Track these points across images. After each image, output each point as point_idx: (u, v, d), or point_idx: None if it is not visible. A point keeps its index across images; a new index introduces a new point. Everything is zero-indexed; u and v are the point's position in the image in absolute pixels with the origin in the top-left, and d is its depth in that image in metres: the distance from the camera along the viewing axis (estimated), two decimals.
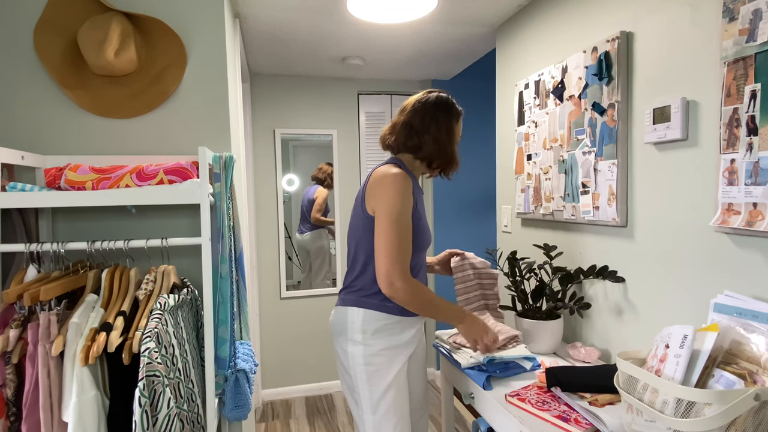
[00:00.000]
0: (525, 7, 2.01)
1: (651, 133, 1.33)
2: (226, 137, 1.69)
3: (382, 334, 1.35)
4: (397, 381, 1.35)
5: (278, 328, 3.23)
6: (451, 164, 1.45)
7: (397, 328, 1.37)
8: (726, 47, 1.09)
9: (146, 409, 1.08)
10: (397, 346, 1.36)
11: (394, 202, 1.27)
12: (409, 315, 1.38)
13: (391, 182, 1.29)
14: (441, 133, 1.41)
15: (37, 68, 1.53)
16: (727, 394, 0.81)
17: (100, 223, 1.58)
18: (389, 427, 1.32)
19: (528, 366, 1.45)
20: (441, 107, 1.41)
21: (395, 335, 1.36)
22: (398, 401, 1.34)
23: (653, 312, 1.38)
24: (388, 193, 1.28)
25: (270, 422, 2.94)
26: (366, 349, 1.35)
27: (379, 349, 1.34)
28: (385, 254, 1.26)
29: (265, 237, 3.20)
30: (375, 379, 1.34)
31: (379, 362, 1.34)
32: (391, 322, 1.36)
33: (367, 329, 1.35)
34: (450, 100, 1.44)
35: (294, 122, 3.20)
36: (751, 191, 1.04)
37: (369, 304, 1.36)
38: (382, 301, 1.35)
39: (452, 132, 1.43)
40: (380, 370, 1.34)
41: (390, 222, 1.27)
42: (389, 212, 1.27)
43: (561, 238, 1.80)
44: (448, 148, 1.42)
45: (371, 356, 1.34)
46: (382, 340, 1.35)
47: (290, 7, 2.01)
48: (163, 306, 1.23)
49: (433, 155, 1.41)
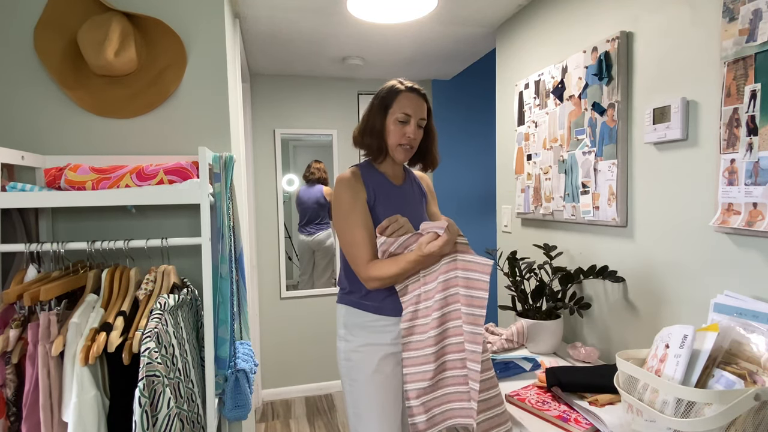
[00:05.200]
0: (525, 7, 2.01)
1: (651, 133, 1.33)
2: (226, 137, 1.69)
3: (362, 331, 1.36)
4: (379, 379, 1.33)
5: (278, 328, 3.23)
6: (382, 150, 1.37)
7: (377, 326, 1.36)
8: (726, 47, 1.09)
9: (146, 409, 1.08)
10: (378, 345, 1.35)
11: (338, 206, 1.34)
12: (388, 314, 1.35)
13: (335, 189, 1.36)
14: (367, 123, 1.38)
15: (37, 68, 1.53)
16: (727, 394, 0.81)
17: (100, 223, 1.58)
18: (369, 424, 1.32)
19: (528, 366, 1.45)
20: (375, 96, 1.39)
21: (375, 333, 1.35)
22: (380, 400, 1.33)
23: (653, 312, 1.38)
24: (334, 201, 1.36)
25: (270, 422, 2.94)
26: (347, 344, 1.38)
27: (357, 345, 1.36)
28: (348, 259, 1.34)
29: (265, 237, 3.19)
30: (354, 374, 1.35)
31: (357, 358, 1.35)
32: (369, 320, 1.36)
33: (347, 324, 1.39)
34: (384, 87, 1.38)
35: (294, 122, 3.20)
36: (751, 191, 1.04)
37: (348, 300, 1.40)
38: (359, 298, 1.38)
39: (376, 116, 1.36)
40: (358, 366, 1.35)
41: (339, 227, 1.34)
42: (336, 217, 1.35)
43: (561, 238, 1.80)
44: (374, 131, 1.36)
45: (350, 351, 1.36)
46: (361, 337, 1.36)
47: (290, 8, 2.01)
48: (163, 306, 1.23)
49: (367, 147, 1.39)
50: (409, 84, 1.37)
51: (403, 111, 1.34)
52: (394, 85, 1.37)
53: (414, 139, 1.37)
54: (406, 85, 1.37)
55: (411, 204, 1.44)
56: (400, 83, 1.37)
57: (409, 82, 1.38)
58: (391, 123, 1.35)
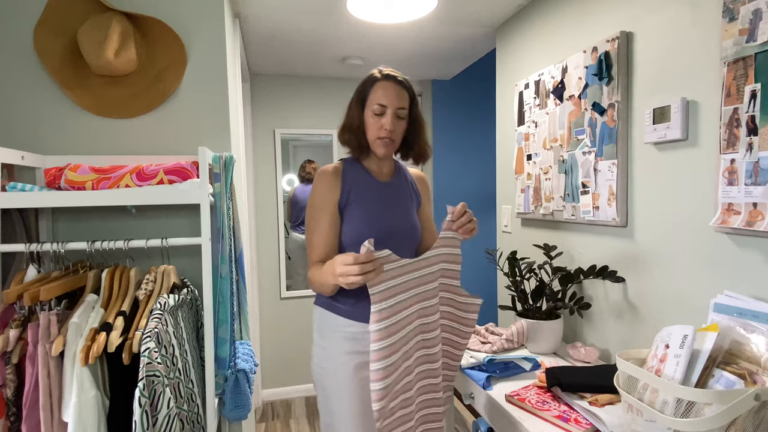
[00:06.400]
0: (525, 7, 2.01)
1: (651, 133, 1.33)
2: (226, 137, 1.69)
3: (335, 337, 1.27)
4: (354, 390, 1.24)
5: (278, 328, 3.23)
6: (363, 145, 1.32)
7: (348, 333, 1.26)
8: (726, 47, 1.09)
9: (146, 409, 1.08)
10: (352, 353, 1.25)
11: (311, 201, 1.31)
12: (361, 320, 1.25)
13: (314, 181, 1.32)
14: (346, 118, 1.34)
15: (37, 68, 1.53)
16: (727, 394, 0.81)
17: (100, 223, 1.58)
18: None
19: (528, 366, 1.45)
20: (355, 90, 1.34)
21: (348, 340, 1.26)
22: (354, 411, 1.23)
23: (653, 312, 1.38)
24: (310, 192, 1.32)
25: (270, 422, 2.94)
26: (320, 351, 1.30)
27: (330, 353, 1.27)
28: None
29: (265, 237, 3.19)
30: (326, 382, 1.27)
31: (330, 367, 1.27)
32: (342, 325, 1.27)
33: (321, 329, 1.31)
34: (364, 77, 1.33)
35: (294, 122, 3.20)
36: (751, 191, 1.04)
37: (322, 302, 1.33)
38: (330, 300, 1.30)
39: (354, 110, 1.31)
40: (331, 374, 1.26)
41: (305, 223, 1.32)
42: (307, 211, 1.32)
43: (561, 238, 1.80)
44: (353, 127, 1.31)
45: (323, 359, 1.28)
46: (335, 344, 1.26)
47: (290, 7, 2.01)
48: (163, 306, 1.23)
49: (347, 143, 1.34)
50: (387, 71, 1.28)
51: (378, 102, 1.26)
52: (372, 74, 1.29)
53: (393, 131, 1.27)
54: (383, 72, 1.28)
55: (398, 202, 1.35)
56: (379, 72, 1.29)
57: (388, 70, 1.29)
58: (369, 116, 1.28)
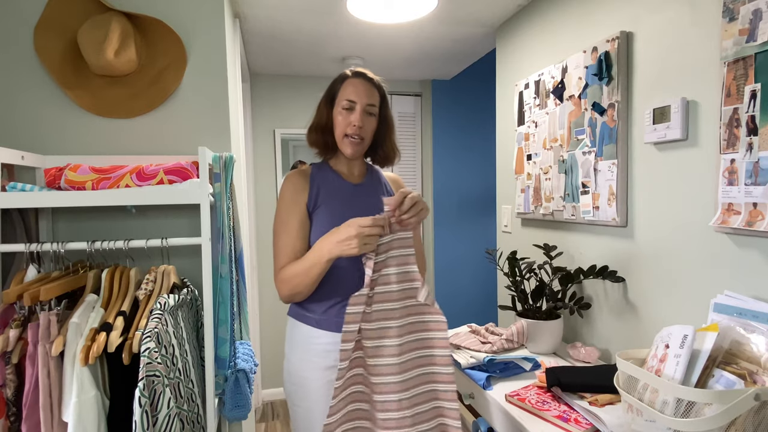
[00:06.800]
0: (525, 7, 2.01)
1: (651, 133, 1.33)
2: (226, 137, 1.69)
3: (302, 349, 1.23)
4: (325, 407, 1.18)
5: (278, 328, 3.23)
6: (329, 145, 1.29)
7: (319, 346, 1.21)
8: (726, 47, 1.09)
9: (146, 409, 1.08)
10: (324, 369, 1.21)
11: (278, 205, 1.28)
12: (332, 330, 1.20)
13: (282, 185, 1.29)
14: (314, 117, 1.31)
15: (37, 68, 1.53)
16: (727, 394, 0.81)
17: (100, 223, 1.58)
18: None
19: (528, 366, 1.45)
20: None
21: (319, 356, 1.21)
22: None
23: (653, 312, 1.38)
24: (279, 197, 1.29)
25: (270, 422, 2.94)
26: (289, 365, 1.26)
27: (300, 367, 1.23)
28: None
29: (265, 237, 3.19)
30: (297, 399, 1.24)
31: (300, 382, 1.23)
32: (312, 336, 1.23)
33: (290, 340, 1.28)
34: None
35: (294, 122, 3.20)
36: (751, 191, 1.04)
37: (293, 311, 1.29)
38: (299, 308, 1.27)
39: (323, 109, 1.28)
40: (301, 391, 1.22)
41: (273, 227, 1.27)
42: (275, 215, 1.28)
43: (561, 238, 1.80)
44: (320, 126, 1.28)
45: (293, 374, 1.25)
46: (304, 357, 1.23)
47: (290, 7, 2.01)
48: (163, 306, 1.23)
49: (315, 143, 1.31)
50: (358, 70, 1.26)
51: (347, 98, 1.22)
52: (342, 73, 1.27)
53: (362, 128, 1.23)
54: (354, 71, 1.25)
55: (369, 204, 1.29)
56: (350, 70, 1.26)
57: (360, 69, 1.26)
58: (338, 114, 1.24)
